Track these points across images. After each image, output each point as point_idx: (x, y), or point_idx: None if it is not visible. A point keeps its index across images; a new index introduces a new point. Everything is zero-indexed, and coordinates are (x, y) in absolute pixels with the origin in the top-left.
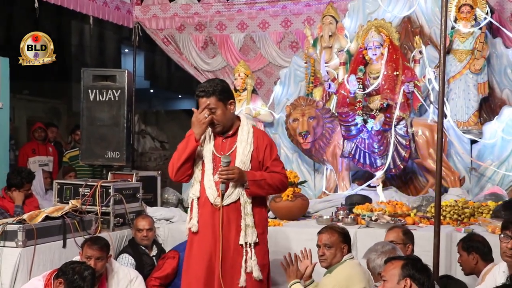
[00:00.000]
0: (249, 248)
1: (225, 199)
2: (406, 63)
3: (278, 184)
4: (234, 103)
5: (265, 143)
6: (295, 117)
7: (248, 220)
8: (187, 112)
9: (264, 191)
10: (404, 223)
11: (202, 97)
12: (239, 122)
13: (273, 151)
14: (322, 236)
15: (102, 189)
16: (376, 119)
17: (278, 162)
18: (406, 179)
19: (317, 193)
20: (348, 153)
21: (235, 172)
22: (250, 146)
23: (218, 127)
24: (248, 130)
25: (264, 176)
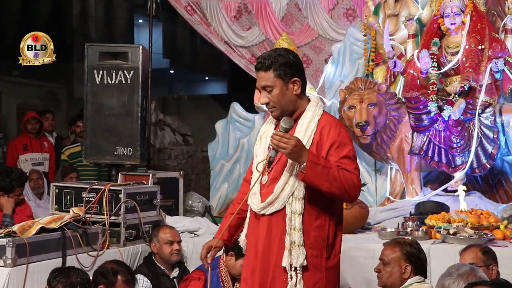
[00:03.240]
0: (293, 273)
1: (268, 207)
2: (495, 34)
3: (346, 183)
4: (299, 82)
5: (332, 139)
6: (351, 103)
7: (295, 236)
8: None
9: (324, 183)
10: (492, 238)
11: (258, 70)
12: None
13: (344, 147)
14: (383, 250)
15: (110, 194)
16: (455, 105)
17: (349, 160)
18: (494, 182)
19: (379, 200)
20: (418, 148)
21: (291, 142)
22: (308, 139)
23: (274, 110)
24: (311, 118)
25: (332, 165)
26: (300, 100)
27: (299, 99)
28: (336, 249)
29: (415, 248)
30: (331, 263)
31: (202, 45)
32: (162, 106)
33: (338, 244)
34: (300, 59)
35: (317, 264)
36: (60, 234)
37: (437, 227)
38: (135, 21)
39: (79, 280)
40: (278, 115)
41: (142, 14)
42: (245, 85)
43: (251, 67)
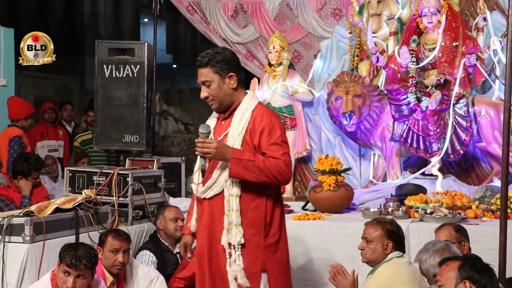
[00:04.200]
0: (232, 250)
1: (208, 192)
2: (468, 32)
3: (273, 171)
4: (235, 77)
5: (262, 125)
6: (338, 95)
7: (233, 217)
8: None
9: (251, 175)
10: (464, 217)
11: (197, 67)
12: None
13: (273, 133)
14: (365, 228)
15: (119, 178)
16: (432, 97)
17: (278, 147)
18: (466, 166)
19: (363, 182)
20: (399, 136)
21: (212, 146)
22: (242, 128)
23: (213, 103)
24: (246, 109)
25: (256, 157)
26: (236, 93)
27: (235, 93)
28: (274, 228)
29: (395, 226)
30: (269, 241)
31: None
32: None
33: (276, 223)
34: (236, 56)
35: (256, 242)
36: (74, 213)
37: (415, 207)
38: (141, 20)
39: (86, 254)
40: (217, 107)
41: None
42: None
43: (247, 62)
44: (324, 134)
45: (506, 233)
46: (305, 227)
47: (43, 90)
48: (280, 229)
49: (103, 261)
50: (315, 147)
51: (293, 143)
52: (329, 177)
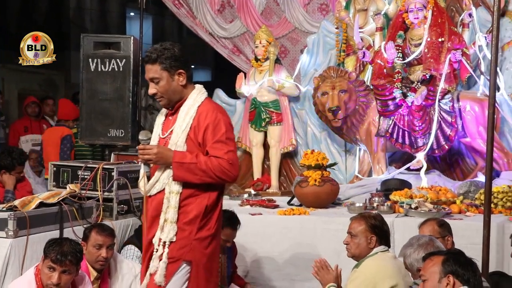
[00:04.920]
0: (160, 247)
1: (151, 189)
2: (453, 28)
3: (216, 171)
4: (184, 74)
5: (206, 122)
6: (324, 90)
7: (170, 214)
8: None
9: (195, 177)
10: (449, 212)
11: (145, 63)
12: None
13: (217, 131)
14: (350, 223)
15: (104, 172)
16: (417, 92)
17: (222, 144)
18: (451, 162)
19: (349, 177)
20: (384, 131)
21: (153, 152)
22: (186, 125)
23: (162, 100)
24: (191, 105)
25: (199, 159)
26: (185, 90)
27: (184, 89)
28: (211, 223)
29: (379, 220)
30: (203, 234)
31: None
32: None
33: (214, 219)
34: (185, 52)
35: (187, 231)
36: (58, 208)
37: (400, 202)
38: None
39: (71, 250)
40: (166, 104)
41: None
42: (228, 73)
43: (233, 56)
44: (310, 129)
45: (489, 228)
46: (290, 222)
47: (28, 84)
48: (216, 226)
49: (87, 256)
50: (301, 142)
51: (279, 138)
52: (315, 172)
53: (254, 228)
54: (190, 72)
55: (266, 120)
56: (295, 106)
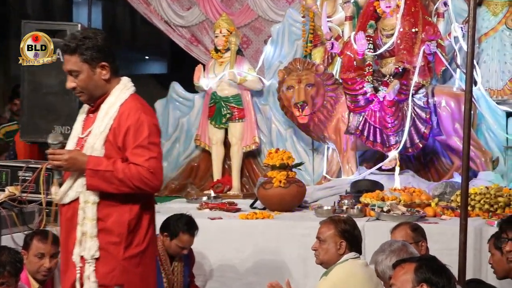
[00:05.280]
0: (86, 265)
1: (64, 197)
2: (428, 18)
3: (135, 181)
4: (108, 67)
5: (128, 124)
6: (289, 84)
7: (87, 226)
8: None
9: (111, 186)
10: (423, 215)
11: (64, 53)
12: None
13: (139, 134)
14: (319, 228)
15: (47, 173)
16: (390, 86)
17: (143, 150)
18: (425, 161)
19: (316, 178)
20: (354, 128)
21: (63, 158)
22: (105, 126)
23: (82, 95)
24: (112, 103)
25: (115, 166)
26: (109, 84)
27: (108, 84)
28: (139, 237)
29: (350, 225)
30: (132, 252)
31: (142, 24)
32: None
33: (142, 232)
34: (109, 41)
35: (114, 252)
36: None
37: (371, 204)
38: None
39: (10, 260)
40: (86, 100)
41: None
42: (185, 64)
43: (191, 47)
44: (274, 126)
45: (466, 232)
46: (253, 227)
47: None
48: (147, 239)
49: (27, 266)
50: (264, 140)
51: (241, 135)
52: (280, 172)
53: (214, 234)
54: (115, 64)
55: (227, 116)
56: (258, 101)
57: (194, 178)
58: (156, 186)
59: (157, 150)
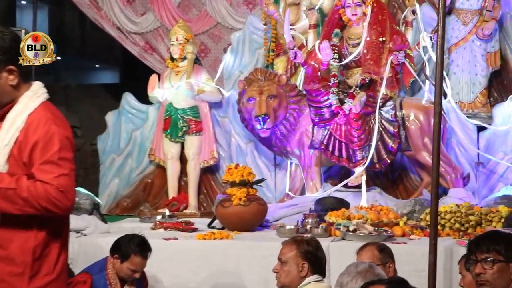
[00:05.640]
0: None
1: None
2: (395, 27)
3: (41, 200)
4: (15, 72)
5: (36, 136)
6: (250, 95)
7: None
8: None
9: (13, 207)
10: (391, 235)
11: None
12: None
13: (48, 148)
14: (281, 249)
15: None
16: (356, 99)
17: (52, 166)
18: (394, 177)
19: (279, 196)
20: (319, 143)
21: None
22: (10, 139)
23: None
24: (19, 112)
25: (19, 184)
26: (18, 91)
27: (16, 90)
28: (48, 266)
29: (313, 245)
30: (38, 283)
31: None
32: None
33: (52, 259)
34: (19, 42)
35: (16, 284)
36: None
37: (336, 224)
38: (17, 2)
39: None
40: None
41: None
42: (139, 74)
43: (145, 55)
44: (234, 140)
45: (436, 253)
46: (211, 248)
47: None
48: (58, 268)
49: None
50: (223, 155)
51: (199, 150)
52: (239, 189)
53: (169, 255)
54: (26, 68)
55: (183, 129)
56: (217, 113)
57: (147, 196)
58: (66, 207)
59: (68, 167)
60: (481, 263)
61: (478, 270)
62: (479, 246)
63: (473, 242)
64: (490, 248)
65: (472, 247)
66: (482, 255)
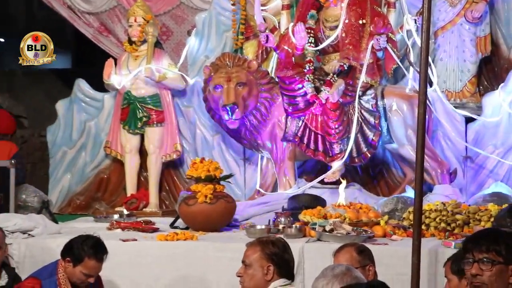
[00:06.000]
0: None
1: None
2: (377, 8)
3: None
4: None
5: None
6: (217, 82)
7: None
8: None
9: None
10: (371, 235)
11: None
12: None
13: None
14: (245, 251)
15: None
16: (333, 87)
17: None
18: (374, 173)
19: (248, 193)
20: (293, 135)
21: None
22: None
23: None
24: None
25: None
26: None
27: None
28: None
29: (279, 246)
30: None
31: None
32: None
33: None
34: None
35: None
36: None
37: (312, 223)
38: None
39: None
40: None
41: None
42: (93, 58)
43: (100, 37)
44: (199, 131)
45: (419, 255)
46: (174, 250)
47: None
48: None
49: None
50: (187, 148)
51: (160, 142)
52: (205, 186)
53: (127, 258)
54: None
55: (142, 119)
56: (180, 102)
57: (103, 193)
58: None
59: None
60: (479, 263)
61: (475, 271)
62: (477, 245)
63: (470, 240)
64: (490, 248)
65: (470, 245)
66: (480, 255)
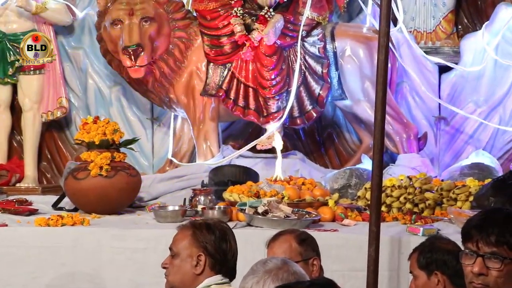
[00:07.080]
0: None
1: None
2: None
3: None
4: None
5: None
6: (116, 17)
7: None
8: None
9: None
10: (317, 219)
11: None
12: None
13: None
14: (174, 235)
15: None
16: (269, 24)
17: None
18: (322, 138)
19: (158, 163)
20: (216, 88)
21: None
22: None
23: None
24: None
25: None
26: None
27: None
28: None
29: (215, 232)
30: None
31: None
32: None
33: None
34: None
35: None
36: None
37: (240, 203)
38: None
39: None
40: None
41: None
42: None
43: None
44: (92, 82)
45: (378, 245)
46: (58, 238)
47: None
48: None
49: None
50: (76, 103)
51: (39, 96)
52: (100, 154)
53: None
54: None
55: (15, 64)
56: (66, 42)
57: None
58: None
59: None
60: (484, 259)
61: (478, 269)
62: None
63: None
64: (501, 240)
65: (473, 231)
66: (488, 248)
